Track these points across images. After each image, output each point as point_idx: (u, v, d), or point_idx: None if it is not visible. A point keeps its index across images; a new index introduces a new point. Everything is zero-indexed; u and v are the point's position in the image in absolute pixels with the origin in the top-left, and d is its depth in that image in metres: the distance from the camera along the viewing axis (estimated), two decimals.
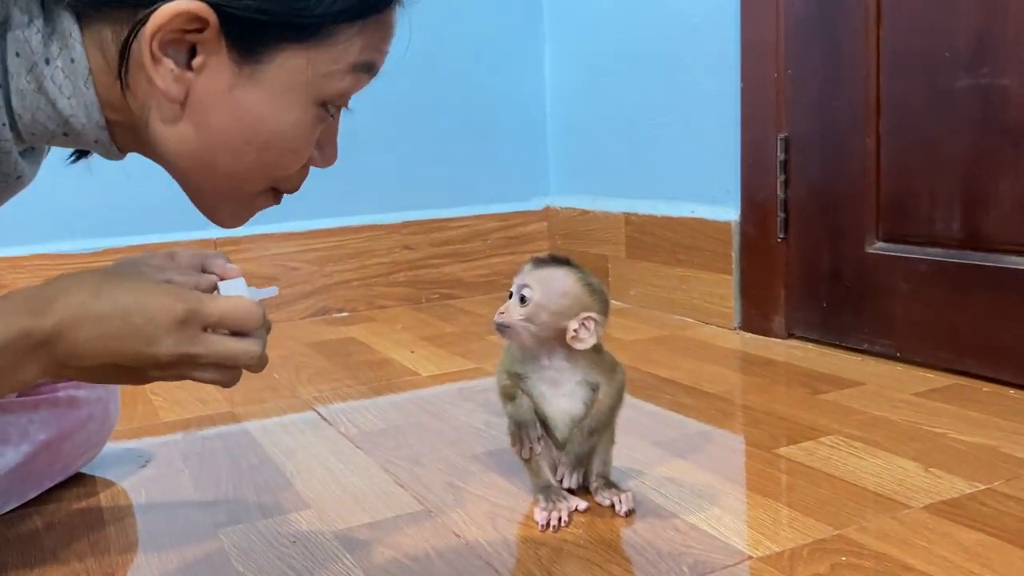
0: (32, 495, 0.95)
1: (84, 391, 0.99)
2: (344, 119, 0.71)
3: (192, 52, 0.60)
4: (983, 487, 0.88)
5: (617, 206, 1.88)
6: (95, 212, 1.72)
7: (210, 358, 0.62)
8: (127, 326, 0.59)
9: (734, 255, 1.58)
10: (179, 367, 0.62)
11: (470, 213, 2.04)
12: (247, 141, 0.63)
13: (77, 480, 1.01)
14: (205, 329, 0.62)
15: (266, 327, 0.66)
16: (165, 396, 1.34)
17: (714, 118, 1.61)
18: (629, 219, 1.83)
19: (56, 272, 1.66)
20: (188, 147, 0.63)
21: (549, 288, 0.83)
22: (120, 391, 1.08)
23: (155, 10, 0.58)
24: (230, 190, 0.67)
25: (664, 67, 1.73)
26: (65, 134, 0.63)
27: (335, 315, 1.91)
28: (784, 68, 1.46)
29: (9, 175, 0.63)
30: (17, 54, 0.59)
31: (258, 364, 0.65)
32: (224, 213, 0.70)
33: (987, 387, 1.19)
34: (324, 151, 0.70)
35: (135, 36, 0.59)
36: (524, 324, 0.83)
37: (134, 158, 0.70)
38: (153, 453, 1.10)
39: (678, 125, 1.71)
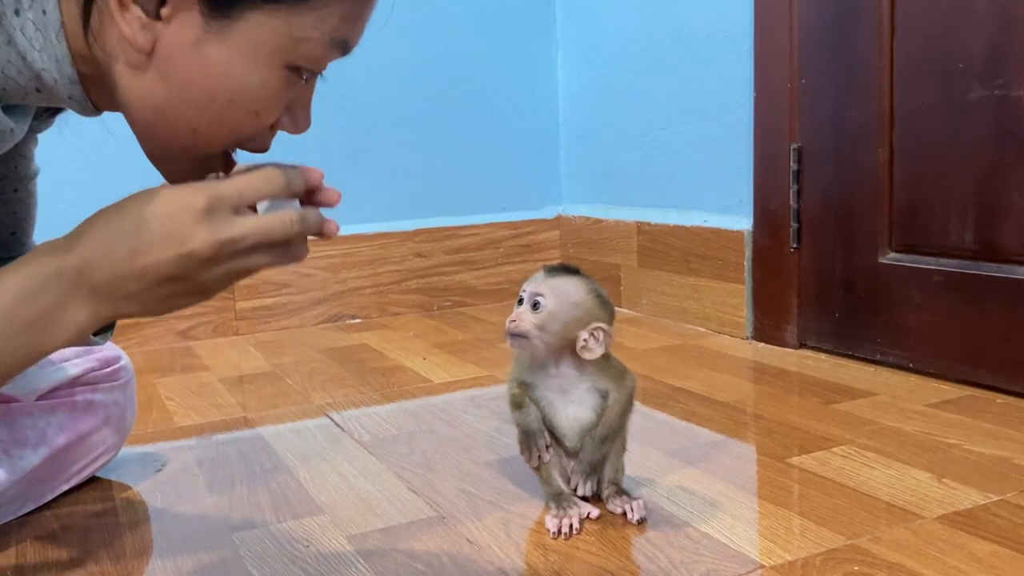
0: (49, 498, 0.96)
1: (101, 395, 1.00)
2: (358, 126, 0.70)
3: (162, 1, 0.59)
4: (997, 498, 0.88)
5: (629, 215, 1.88)
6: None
7: (251, 238, 0.59)
8: (155, 234, 0.57)
9: (747, 265, 1.58)
10: (226, 260, 0.59)
11: (482, 221, 2.05)
12: (212, 98, 0.61)
13: (93, 484, 1.02)
14: (235, 213, 0.59)
15: (296, 191, 0.62)
16: (180, 401, 1.35)
17: (727, 128, 1.62)
18: (641, 228, 1.83)
19: None
20: (153, 99, 0.62)
21: (562, 297, 0.83)
22: (136, 396, 1.09)
23: None
24: (189, 146, 0.64)
25: (677, 77, 1.73)
26: (38, 89, 0.62)
27: (348, 322, 1.92)
28: (798, 78, 1.46)
29: (3, 131, 0.63)
30: None
31: (306, 227, 0.61)
32: (178, 170, 0.67)
33: (1001, 398, 1.19)
34: (296, 117, 0.67)
35: None
36: (537, 332, 0.83)
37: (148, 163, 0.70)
38: (168, 457, 1.11)
39: (691, 134, 1.72)
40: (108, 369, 1.02)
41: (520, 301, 0.85)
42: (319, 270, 1.89)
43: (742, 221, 1.59)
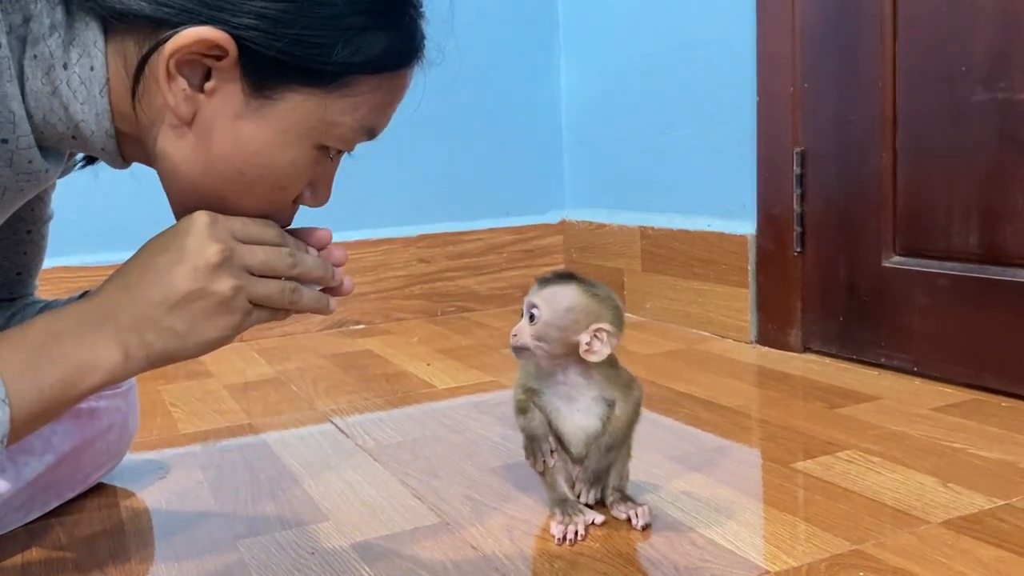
0: (54, 505, 0.96)
1: (104, 401, 1.00)
2: None
3: (207, 75, 0.61)
4: (1002, 503, 0.87)
5: (633, 219, 1.88)
6: (115, 225, 1.73)
7: (257, 255, 0.64)
8: (167, 256, 0.62)
9: (750, 269, 1.58)
10: (236, 273, 0.63)
11: (486, 226, 2.05)
12: (241, 170, 0.64)
13: (98, 491, 1.02)
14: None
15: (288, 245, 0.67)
16: (184, 408, 1.36)
17: (730, 132, 1.62)
18: (645, 232, 1.83)
19: (78, 284, 1.69)
20: (187, 165, 0.64)
21: (555, 305, 0.83)
22: (138, 403, 1.09)
23: (179, 31, 0.59)
24: (216, 212, 0.67)
25: (680, 81, 1.73)
26: (74, 137, 0.65)
27: (352, 327, 1.92)
28: (800, 82, 1.46)
29: (39, 172, 0.65)
30: (35, 56, 0.60)
31: (310, 265, 0.67)
32: None
33: (1006, 402, 1.19)
34: (317, 191, 0.70)
35: (155, 52, 0.60)
36: (536, 343, 0.83)
37: (152, 172, 0.70)
38: (172, 464, 1.11)
39: (694, 139, 1.72)
40: None
41: (521, 315, 0.86)
42: None
43: (745, 225, 1.59)
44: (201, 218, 0.63)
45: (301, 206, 0.71)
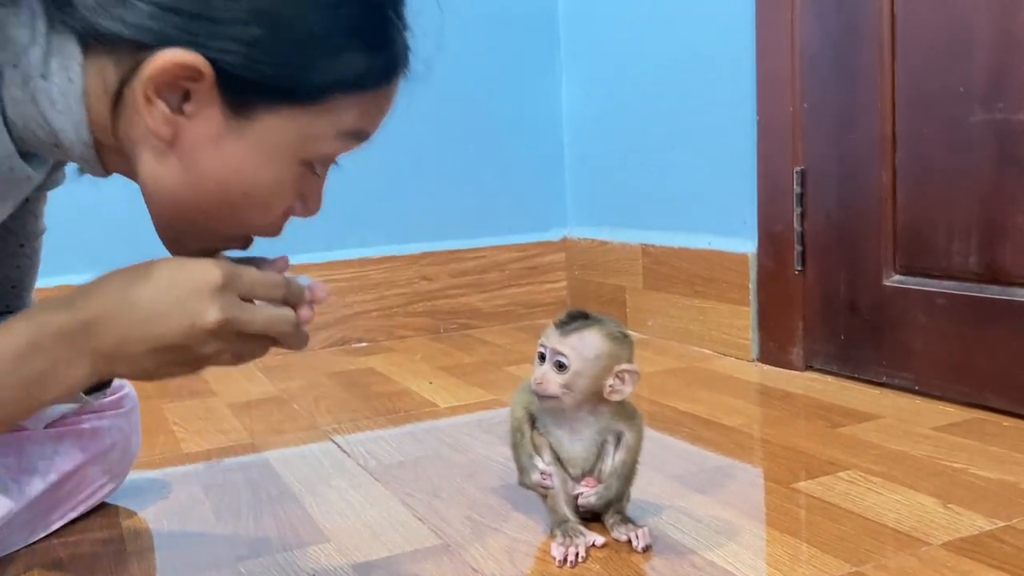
0: (57, 525, 0.96)
1: (107, 421, 1.01)
2: (362, 150, 0.71)
3: (186, 96, 0.61)
4: (1003, 524, 0.87)
5: (634, 237, 1.89)
6: (116, 242, 1.74)
7: (256, 326, 0.64)
8: (172, 303, 0.61)
9: (751, 287, 1.58)
10: (227, 339, 0.63)
11: (488, 244, 2.06)
12: (226, 190, 0.64)
13: (100, 511, 1.02)
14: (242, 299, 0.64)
15: (290, 303, 0.66)
16: (186, 427, 1.36)
17: (731, 151, 1.62)
18: (646, 250, 1.84)
19: None
20: (170, 184, 0.64)
21: (583, 354, 0.83)
22: (141, 422, 1.10)
23: (154, 55, 0.59)
24: (201, 230, 0.68)
25: (681, 99, 1.74)
26: (56, 145, 0.65)
27: (354, 345, 1.93)
28: (800, 102, 1.47)
29: (20, 178, 0.65)
30: (14, 66, 0.61)
31: (296, 336, 0.66)
32: (184, 250, 0.69)
33: (1007, 421, 1.19)
34: (307, 202, 0.70)
35: (133, 76, 0.60)
36: (564, 391, 0.83)
37: None
38: (174, 483, 1.11)
39: (695, 157, 1.73)
40: (113, 396, 1.02)
41: (541, 357, 0.85)
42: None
43: (746, 243, 1.60)
44: (215, 277, 0.62)
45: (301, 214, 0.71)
